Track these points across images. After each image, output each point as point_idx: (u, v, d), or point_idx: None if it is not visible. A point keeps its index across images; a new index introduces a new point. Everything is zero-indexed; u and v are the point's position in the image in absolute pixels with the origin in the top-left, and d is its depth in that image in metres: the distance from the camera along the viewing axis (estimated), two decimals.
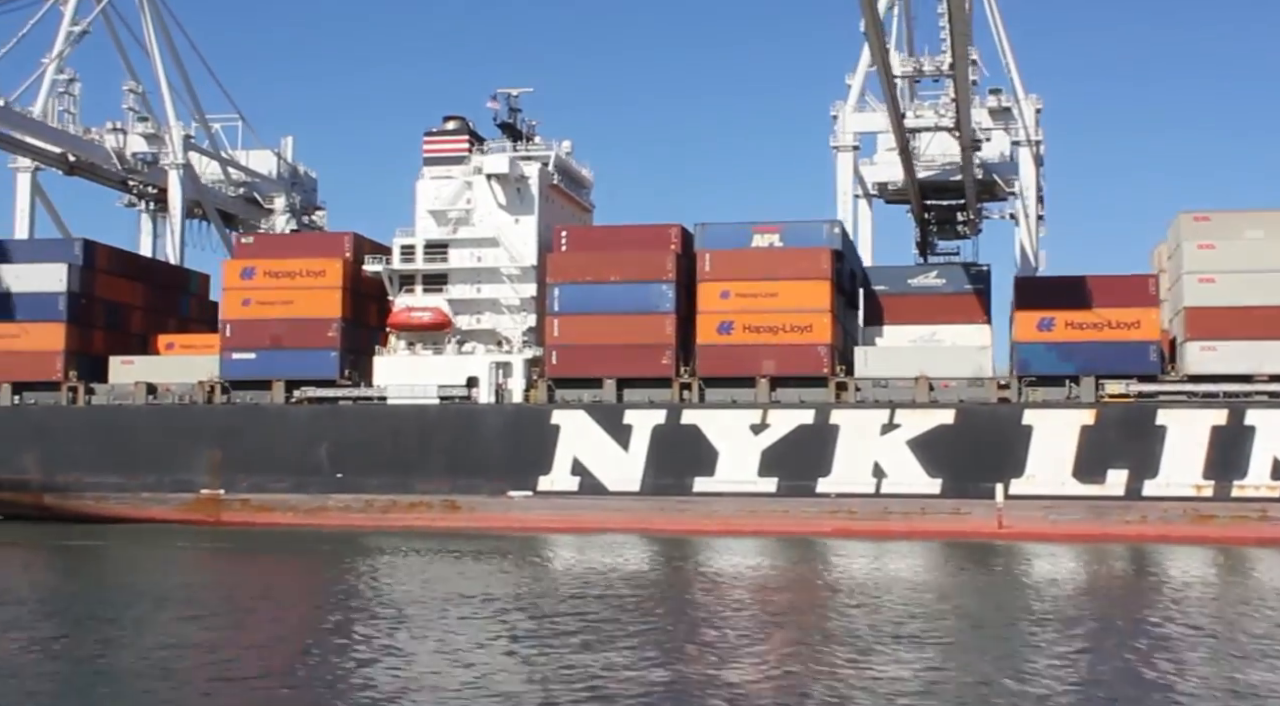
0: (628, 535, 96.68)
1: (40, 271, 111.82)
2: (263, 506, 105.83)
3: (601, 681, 36.55)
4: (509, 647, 42.37)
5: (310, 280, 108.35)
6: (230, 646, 42.79)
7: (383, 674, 37.26)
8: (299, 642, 42.86)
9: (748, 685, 36.32)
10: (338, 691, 34.51)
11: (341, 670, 37.49)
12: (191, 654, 40.97)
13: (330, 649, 41.52)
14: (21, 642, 42.51)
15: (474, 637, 44.33)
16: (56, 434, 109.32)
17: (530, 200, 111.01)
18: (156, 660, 38.77)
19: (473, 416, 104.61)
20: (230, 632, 45.71)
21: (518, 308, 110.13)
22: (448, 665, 38.63)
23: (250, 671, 37.80)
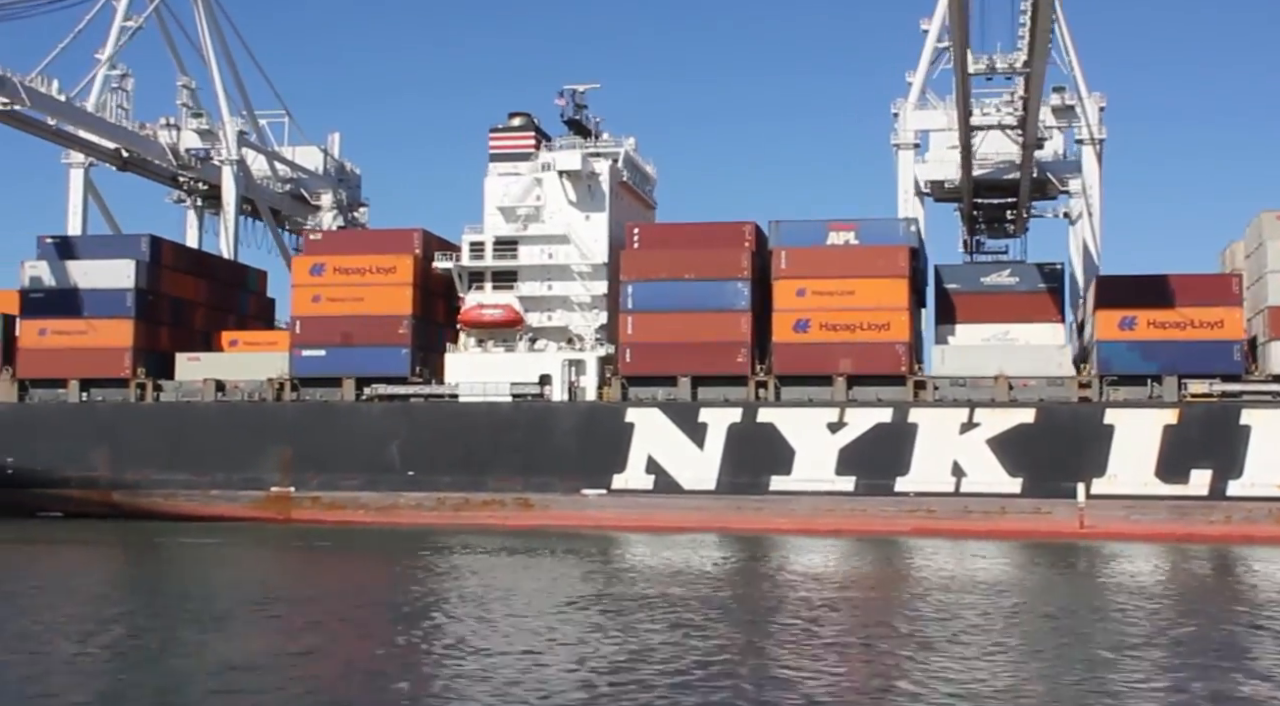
0: (703, 534, 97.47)
1: (108, 268, 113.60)
2: (333, 504, 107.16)
3: (685, 680, 36.46)
4: (591, 646, 42.17)
5: (381, 277, 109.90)
6: (312, 644, 42.97)
7: (461, 672, 37.05)
8: (380, 640, 42.82)
9: (828, 684, 36.32)
10: (415, 690, 34.27)
11: (420, 669, 37.41)
12: (274, 654, 41.22)
13: (408, 646, 41.42)
14: (103, 637, 42.96)
15: (555, 636, 44.28)
16: (125, 431, 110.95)
17: (601, 197, 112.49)
18: (237, 660, 38.77)
19: (546, 414, 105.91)
20: (312, 630, 45.81)
21: (589, 305, 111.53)
22: (529, 663, 38.51)
23: (332, 670, 37.76)
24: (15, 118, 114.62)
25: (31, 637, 42.44)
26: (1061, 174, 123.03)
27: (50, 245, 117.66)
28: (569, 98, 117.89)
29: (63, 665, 35.58)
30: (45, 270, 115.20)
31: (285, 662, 38.59)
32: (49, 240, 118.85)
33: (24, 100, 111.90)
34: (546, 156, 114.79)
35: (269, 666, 37.99)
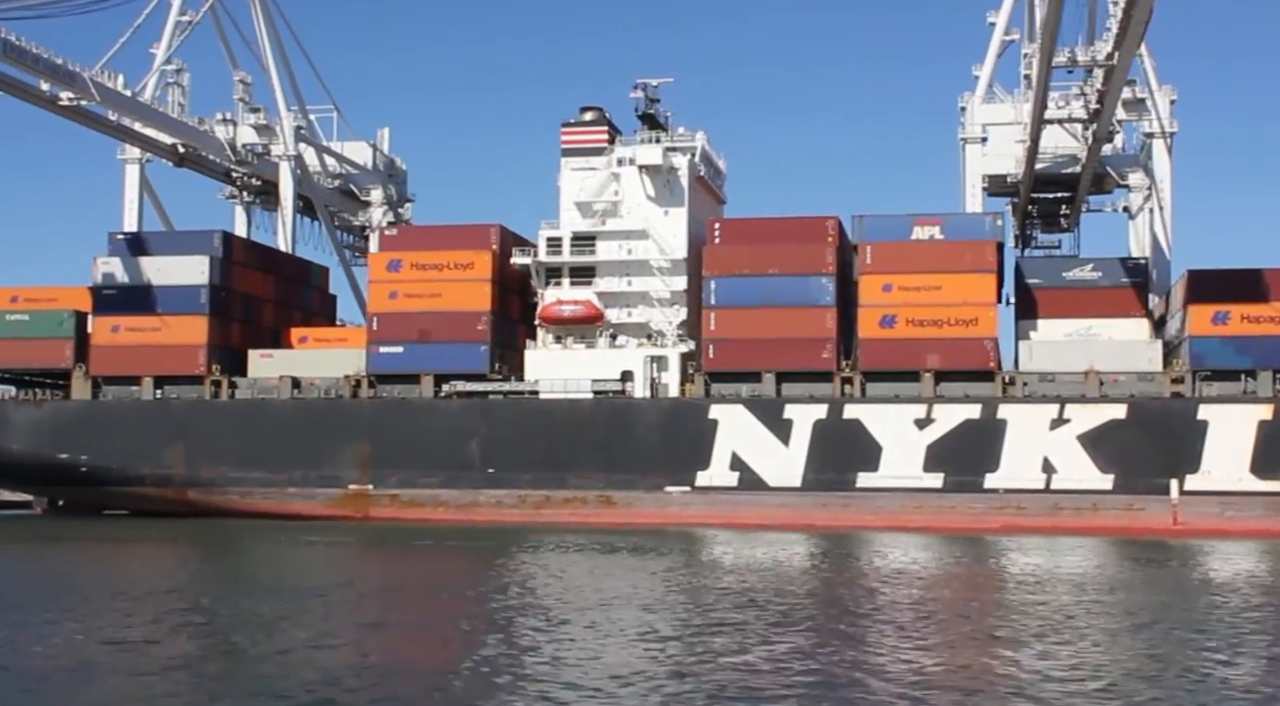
0: (788, 532, 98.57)
1: (182, 264, 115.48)
2: (412, 502, 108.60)
3: (777, 678, 36.30)
4: (681, 644, 42.01)
5: (459, 273, 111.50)
6: (402, 642, 43.25)
7: (547, 671, 36.95)
8: (466, 639, 42.84)
9: (919, 683, 35.92)
10: (501, 689, 34.18)
11: (507, 668, 37.27)
12: (360, 652, 41.38)
13: (495, 645, 41.35)
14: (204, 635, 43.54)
15: (643, 634, 44.21)
16: (200, 429, 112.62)
17: (680, 192, 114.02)
18: (325, 658, 38.99)
19: (628, 411, 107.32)
20: (399, 628, 46.21)
21: (668, 301, 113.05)
22: (618, 663, 38.27)
23: (420, 667, 37.90)
24: (79, 113, 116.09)
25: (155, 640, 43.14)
26: (1121, 167, 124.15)
27: (121, 241, 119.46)
28: (643, 91, 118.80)
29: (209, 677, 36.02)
30: (118, 266, 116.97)
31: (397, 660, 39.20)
32: (120, 236, 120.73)
33: (93, 96, 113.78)
34: (623, 151, 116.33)
35: (377, 662, 38.50)
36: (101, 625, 45.75)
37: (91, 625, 45.74)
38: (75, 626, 45.41)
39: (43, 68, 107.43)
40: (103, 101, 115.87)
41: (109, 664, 37.29)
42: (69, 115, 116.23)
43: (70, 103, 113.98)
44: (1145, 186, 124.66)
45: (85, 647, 40.43)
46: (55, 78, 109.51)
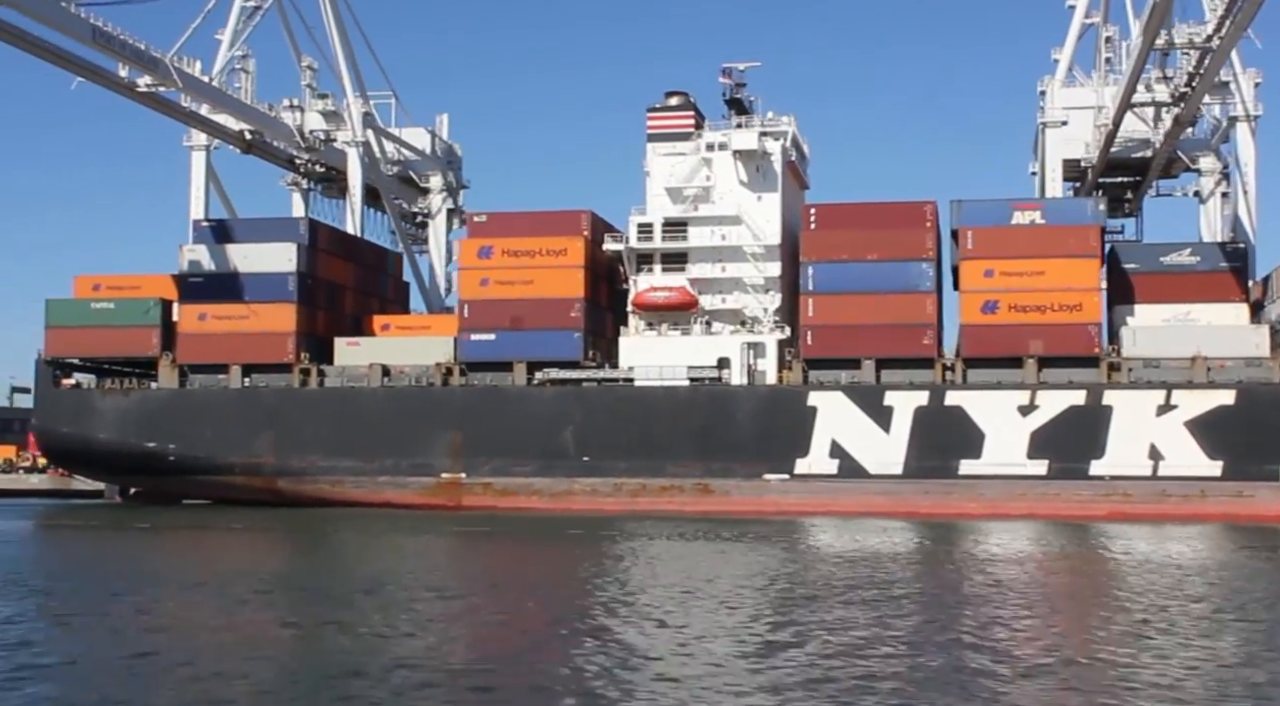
0: (890, 519, 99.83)
1: (269, 251, 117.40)
2: (506, 490, 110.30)
3: (887, 665, 35.76)
4: (788, 633, 41.28)
5: (551, 259, 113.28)
6: (504, 631, 42.78)
7: (655, 659, 36.19)
8: (568, 628, 42.18)
9: (1026, 672, 35.08)
10: (607, 678, 33.51)
11: (614, 657, 36.54)
12: (464, 640, 41.10)
13: (599, 634, 40.65)
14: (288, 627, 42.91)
15: (749, 623, 43.61)
16: (290, 417, 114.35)
17: (773, 177, 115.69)
18: (423, 648, 38.50)
19: (725, 398, 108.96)
20: (502, 617, 45.80)
21: (762, 287, 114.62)
22: (724, 653, 37.59)
23: (525, 656, 37.39)
24: (153, 98, 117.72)
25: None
26: (1192, 151, 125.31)
27: (206, 228, 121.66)
28: (730, 76, 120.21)
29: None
30: (204, 254, 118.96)
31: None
32: (204, 223, 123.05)
33: (175, 82, 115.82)
34: (712, 136, 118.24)
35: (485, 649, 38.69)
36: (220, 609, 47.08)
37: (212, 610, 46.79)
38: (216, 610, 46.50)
39: (128, 53, 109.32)
40: (183, 87, 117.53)
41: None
42: (144, 101, 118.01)
43: (148, 88, 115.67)
44: (1216, 170, 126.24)
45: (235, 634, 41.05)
46: (138, 63, 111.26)
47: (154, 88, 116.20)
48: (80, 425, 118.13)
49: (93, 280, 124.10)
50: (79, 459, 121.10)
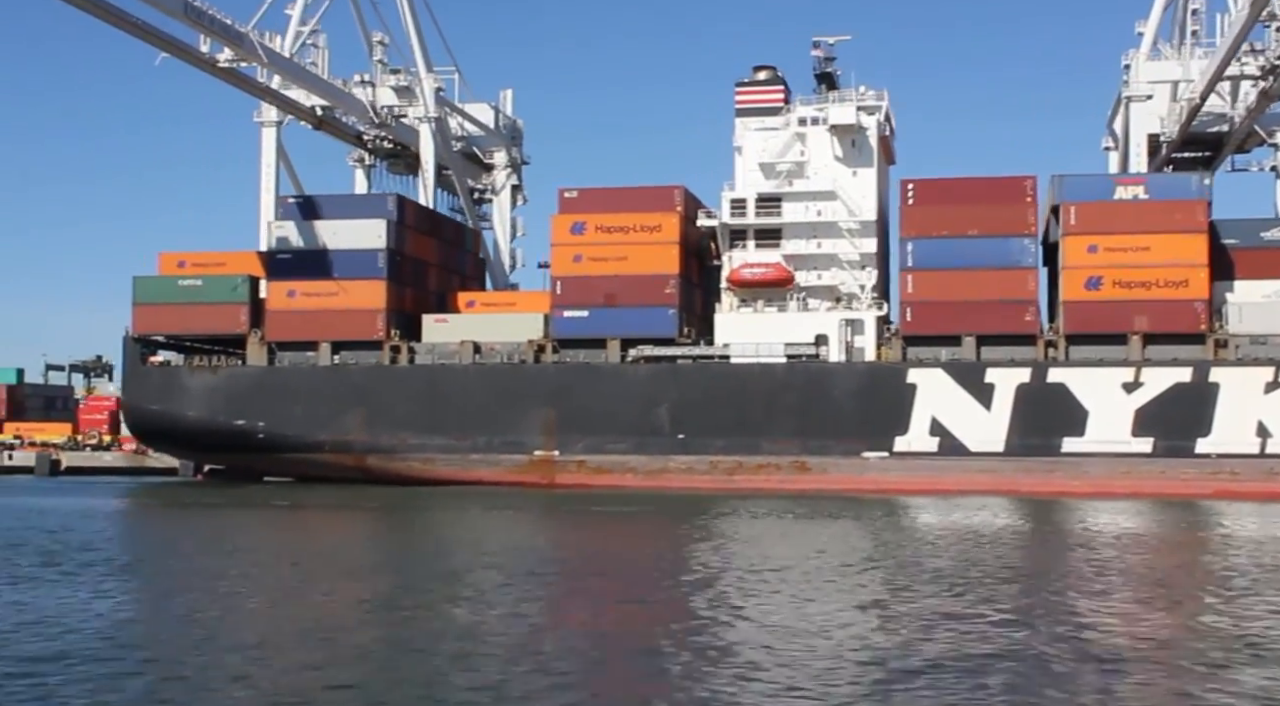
0: (991, 497, 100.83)
1: (359, 227, 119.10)
2: (600, 468, 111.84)
3: (989, 645, 35.62)
4: (895, 611, 41.53)
5: (645, 235, 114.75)
6: (599, 608, 43.13)
7: (758, 642, 35.93)
8: (669, 607, 42.53)
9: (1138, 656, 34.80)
10: (702, 659, 33.57)
11: (711, 638, 36.53)
12: (553, 618, 41.19)
13: (699, 613, 40.81)
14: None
15: (853, 602, 43.68)
16: (380, 395, 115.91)
17: (869, 152, 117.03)
18: (519, 624, 39.04)
19: (823, 375, 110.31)
20: (598, 595, 46.08)
21: (858, 263, 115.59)
22: (830, 632, 37.47)
23: (620, 634, 37.91)
24: (232, 73, 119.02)
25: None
26: (1270, 126, 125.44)
27: (293, 205, 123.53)
28: (822, 50, 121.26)
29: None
30: (292, 231, 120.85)
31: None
32: (291, 200, 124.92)
33: (260, 57, 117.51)
34: (805, 110, 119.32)
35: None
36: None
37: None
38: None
39: (215, 28, 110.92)
40: (267, 63, 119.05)
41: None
42: (223, 76, 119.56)
43: (228, 64, 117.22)
44: None
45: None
46: (224, 38, 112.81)
47: (235, 63, 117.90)
48: (168, 402, 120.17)
49: (177, 257, 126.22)
50: (165, 436, 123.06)
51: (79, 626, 37.31)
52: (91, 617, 39.19)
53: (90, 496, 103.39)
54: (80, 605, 41.77)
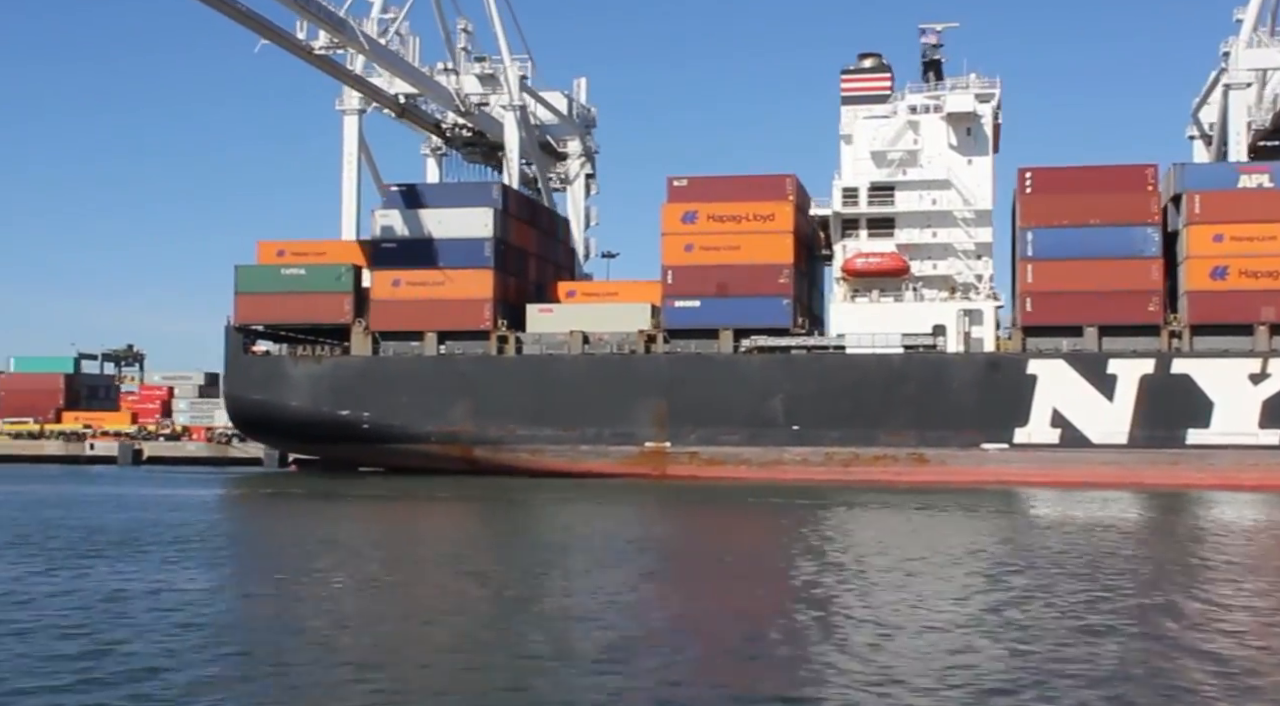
0: (1115, 489, 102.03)
1: (466, 216, 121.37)
2: (712, 460, 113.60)
3: (1122, 646, 35.09)
4: (1018, 607, 41.10)
5: (759, 224, 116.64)
6: (716, 603, 42.90)
7: (873, 637, 35.92)
8: (779, 600, 42.86)
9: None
10: (812, 654, 33.76)
11: (823, 632, 36.71)
12: (659, 612, 41.34)
13: (814, 606, 40.83)
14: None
15: (977, 597, 43.55)
16: (487, 385, 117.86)
17: (984, 140, 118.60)
18: (616, 610, 39.86)
19: (941, 366, 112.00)
20: (741, 592, 45.62)
21: (972, 252, 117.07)
22: (947, 629, 37.21)
23: (732, 626, 37.92)
24: (325, 60, 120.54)
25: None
26: None
27: (396, 193, 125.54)
28: (933, 37, 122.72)
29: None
30: (397, 219, 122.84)
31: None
32: (394, 188, 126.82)
33: (361, 44, 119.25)
34: (915, 98, 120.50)
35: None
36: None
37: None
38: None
39: (320, 14, 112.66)
40: (368, 50, 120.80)
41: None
42: (317, 63, 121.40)
43: (324, 50, 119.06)
44: None
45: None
46: (327, 24, 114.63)
47: (330, 49, 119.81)
48: (271, 392, 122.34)
49: (276, 246, 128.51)
50: (266, 426, 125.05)
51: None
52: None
53: (196, 487, 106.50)
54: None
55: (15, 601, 40.81)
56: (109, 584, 44.78)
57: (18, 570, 48.55)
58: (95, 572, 47.96)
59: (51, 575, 47.28)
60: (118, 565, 50.37)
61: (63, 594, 42.41)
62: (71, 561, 51.42)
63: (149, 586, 44.28)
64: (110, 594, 42.46)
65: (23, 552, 54.67)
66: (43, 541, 59.03)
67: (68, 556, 53.12)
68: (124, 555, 53.86)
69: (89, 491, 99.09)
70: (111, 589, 43.62)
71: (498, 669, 31.62)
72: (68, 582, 45.20)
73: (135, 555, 53.91)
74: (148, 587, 43.95)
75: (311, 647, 33.84)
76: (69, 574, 47.47)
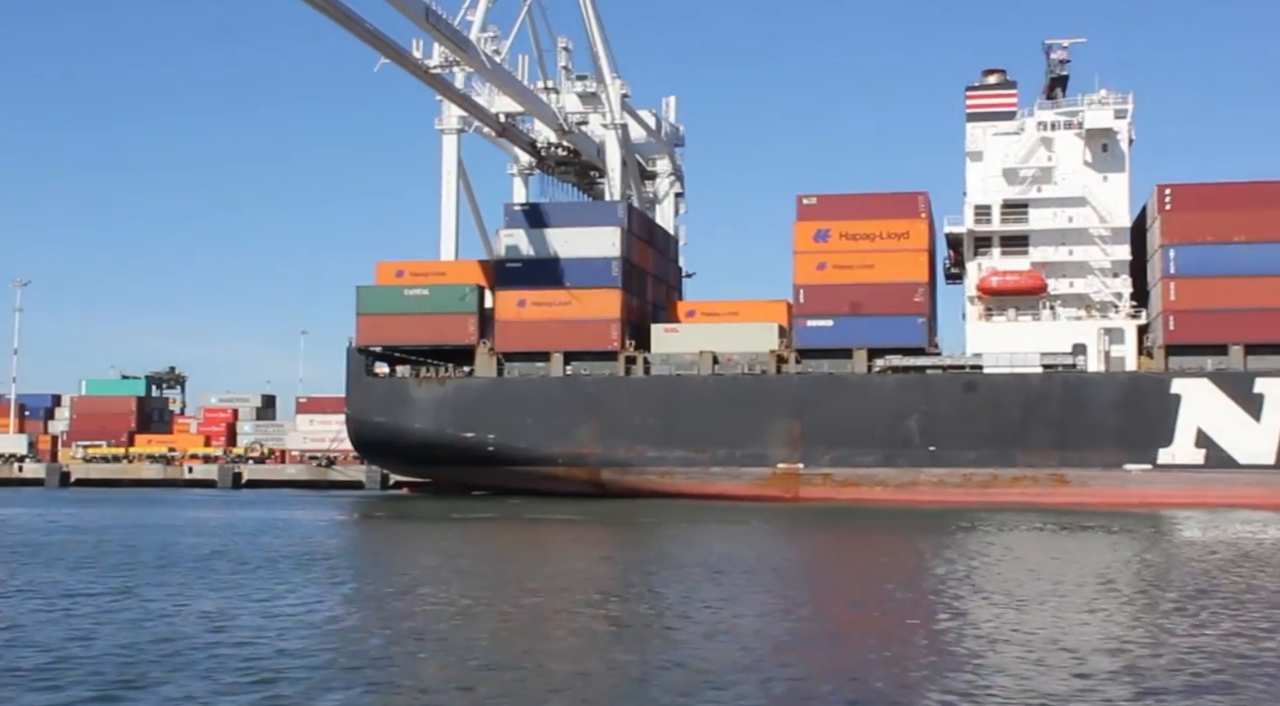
0: (1263, 511, 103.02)
1: (593, 235, 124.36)
2: (846, 481, 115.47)
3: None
4: (1176, 633, 40.79)
5: (893, 242, 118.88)
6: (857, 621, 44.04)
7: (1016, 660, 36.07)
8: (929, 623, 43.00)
9: None
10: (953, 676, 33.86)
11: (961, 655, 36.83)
12: (812, 633, 42.11)
13: (976, 636, 40.30)
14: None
15: (1133, 622, 43.36)
16: (615, 406, 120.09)
17: (1120, 156, 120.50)
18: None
19: (1082, 386, 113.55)
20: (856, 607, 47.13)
21: (1109, 271, 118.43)
22: (1090, 655, 36.94)
23: (866, 647, 38.75)
24: (437, 79, 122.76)
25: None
26: None
27: (519, 213, 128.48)
28: (1061, 52, 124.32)
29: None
30: (522, 239, 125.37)
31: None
32: (516, 208, 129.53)
33: (483, 63, 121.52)
34: (1045, 114, 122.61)
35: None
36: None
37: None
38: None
39: (449, 34, 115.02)
40: (489, 70, 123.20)
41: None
42: (430, 81, 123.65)
43: (439, 69, 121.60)
44: None
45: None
46: (453, 43, 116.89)
47: (444, 68, 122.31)
48: (393, 415, 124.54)
49: (394, 266, 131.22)
50: (388, 449, 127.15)
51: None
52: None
53: (314, 509, 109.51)
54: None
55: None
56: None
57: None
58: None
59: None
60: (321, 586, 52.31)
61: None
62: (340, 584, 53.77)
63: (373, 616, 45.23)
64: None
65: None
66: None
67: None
68: (334, 579, 55.34)
69: (247, 516, 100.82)
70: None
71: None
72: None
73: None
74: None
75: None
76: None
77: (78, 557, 63.47)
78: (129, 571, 57.00)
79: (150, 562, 61.13)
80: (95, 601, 46.54)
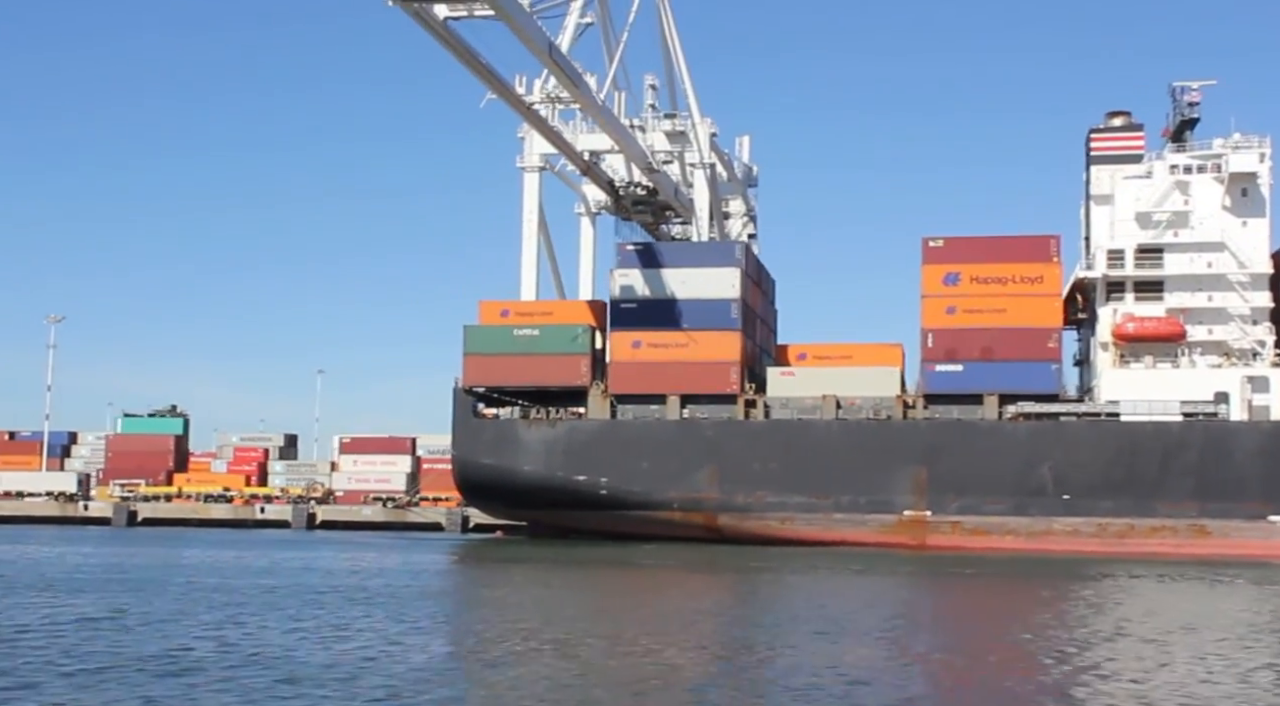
0: None
1: (712, 276, 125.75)
2: (976, 529, 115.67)
3: None
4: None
5: (1025, 287, 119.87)
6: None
7: None
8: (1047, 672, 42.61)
9: None
10: None
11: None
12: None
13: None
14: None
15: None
16: (734, 450, 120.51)
17: (1260, 200, 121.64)
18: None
19: (1224, 434, 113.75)
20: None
21: (1248, 317, 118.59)
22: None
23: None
24: (534, 115, 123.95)
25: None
26: None
27: (632, 253, 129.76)
28: (1189, 95, 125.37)
29: None
30: (637, 279, 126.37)
31: None
32: (630, 248, 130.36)
33: (594, 101, 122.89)
34: (1177, 158, 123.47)
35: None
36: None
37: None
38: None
39: (567, 70, 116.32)
40: (599, 108, 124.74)
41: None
42: (528, 116, 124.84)
43: (539, 104, 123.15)
44: None
45: None
46: (569, 80, 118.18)
47: (545, 103, 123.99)
48: (502, 457, 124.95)
49: (499, 306, 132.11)
50: (495, 492, 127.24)
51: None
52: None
53: (408, 553, 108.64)
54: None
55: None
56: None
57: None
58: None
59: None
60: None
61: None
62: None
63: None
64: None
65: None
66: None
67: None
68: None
69: (338, 558, 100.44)
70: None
71: None
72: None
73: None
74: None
75: None
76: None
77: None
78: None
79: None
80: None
